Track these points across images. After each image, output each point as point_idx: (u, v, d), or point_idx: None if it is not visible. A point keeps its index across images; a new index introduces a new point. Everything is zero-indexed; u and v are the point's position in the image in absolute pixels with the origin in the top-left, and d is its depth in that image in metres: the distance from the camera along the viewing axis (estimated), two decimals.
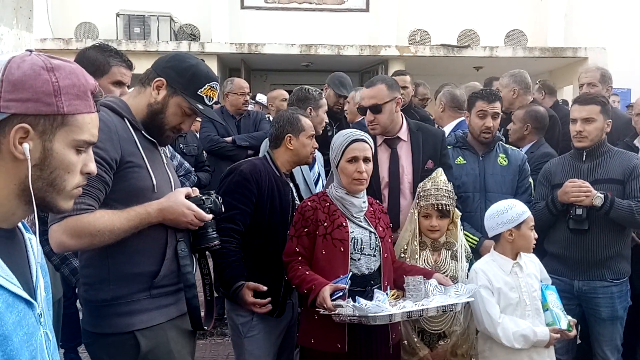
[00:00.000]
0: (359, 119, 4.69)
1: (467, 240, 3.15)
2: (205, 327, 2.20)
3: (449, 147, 3.68)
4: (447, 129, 4.33)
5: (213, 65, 11.25)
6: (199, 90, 2.11)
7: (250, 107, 8.12)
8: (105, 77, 2.63)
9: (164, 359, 2.01)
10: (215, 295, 2.36)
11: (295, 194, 2.99)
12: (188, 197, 2.07)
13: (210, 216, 2.09)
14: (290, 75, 13.08)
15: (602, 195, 3.08)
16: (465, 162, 3.56)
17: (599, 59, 11.85)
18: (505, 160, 3.56)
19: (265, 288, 2.63)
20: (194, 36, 11.96)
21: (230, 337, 2.98)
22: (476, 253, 3.20)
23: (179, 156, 3.29)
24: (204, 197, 2.11)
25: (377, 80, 3.27)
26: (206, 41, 11.70)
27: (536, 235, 2.78)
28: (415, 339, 2.88)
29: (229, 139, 4.96)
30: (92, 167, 1.25)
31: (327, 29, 12.27)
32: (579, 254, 3.20)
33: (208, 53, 11.25)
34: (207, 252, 2.24)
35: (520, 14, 12.78)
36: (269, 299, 2.63)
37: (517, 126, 4.07)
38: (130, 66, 2.71)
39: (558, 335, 2.70)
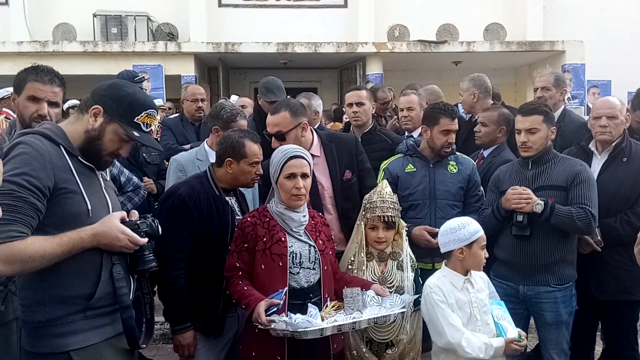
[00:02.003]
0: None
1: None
2: (144, 346, 2.25)
3: (399, 155, 3.73)
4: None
5: (190, 65, 11.27)
6: (136, 118, 2.16)
7: None
8: (22, 93, 2.67)
9: None
10: None
11: (237, 208, 3.02)
12: (123, 221, 2.12)
13: (145, 240, 2.14)
14: (270, 73, 12.88)
15: (542, 202, 3.14)
16: (415, 169, 3.62)
17: (577, 52, 11.96)
18: (455, 168, 3.63)
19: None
20: (171, 35, 11.92)
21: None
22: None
23: (127, 172, 3.30)
24: (139, 222, 2.16)
25: (282, 107, 3.25)
26: (184, 40, 11.68)
27: (487, 255, 2.80)
28: (364, 349, 2.96)
29: (187, 147, 4.92)
30: None
31: (305, 25, 12.26)
32: (523, 260, 3.27)
33: (185, 53, 11.25)
34: (146, 274, 2.29)
35: (499, 8, 12.84)
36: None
37: (491, 128, 4.04)
38: (53, 82, 2.69)
39: (513, 346, 2.72)
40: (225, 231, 2.85)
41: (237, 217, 2.94)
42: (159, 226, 2.23)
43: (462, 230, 2.76)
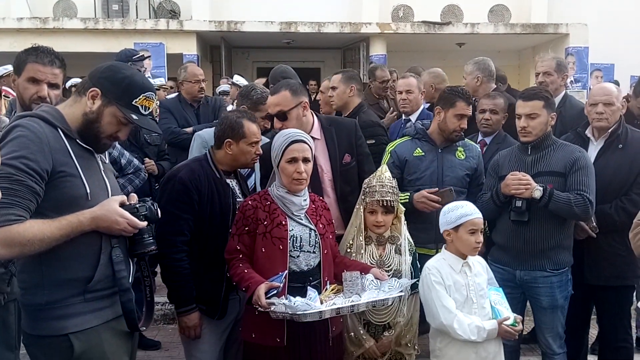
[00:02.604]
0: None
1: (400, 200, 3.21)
2: (144, 328, 2.28)
3: (407, 138, 3.73)
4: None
5: (192, 44, 11.19)
6: (134, 101, 2.16)
7: (226, 88, 8.12)
8: (22, 74, 2.65)
9: None
10: None
11: (238, 190, 3.04)
12: (122, 204, 2.12)
13: (144, 223, 2.15)
14: (273, 53, 12.97)
15: (541, 188, 3.16)
16: (423, 154, 3.61)
17: (581, 35, 11.87)
18: (462, 154, 3.63)
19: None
20: (173, 13, 11.84)
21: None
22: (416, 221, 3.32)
23: (127, 154, 3.30)
24: (138, 205, 2.17)
25: (282, 87, 3.25)
26: (186, 18, 11.60)
27: (479, 239, 2.82)
28: (362, 331, 3.00)
29: (189, 129, 4.92)
30: None
31: (309, 4, 12.13)
32: (520, 245, 3.29)
33: (187, 31, 11.18)
34: (146, 257, 2.31)
35: None
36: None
37: (501, 116, 4.08)
38: (53, 63, 2.66)
39: (509, 329, 2.77)
40: (226, 214, 2.86)
41: (238, 200, 2.96)
42: (158, 210, 2.24)
43: (450, 213, 2.85)
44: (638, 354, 3.38)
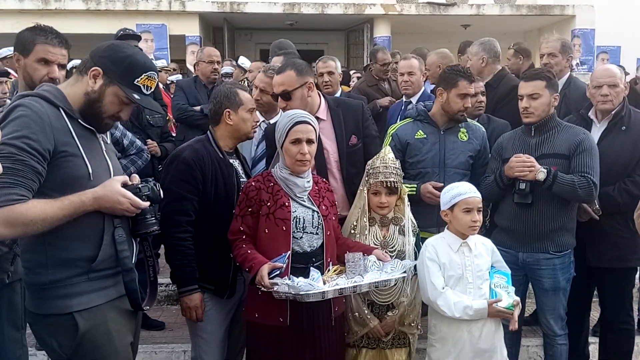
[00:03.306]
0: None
1: (407, 189, 3.21)
2: (147, 308, 2.30)
3: (408, 120, 3.70)
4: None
5: (195, 25, 11.13)
6: (136, 80, 2.15)
7: (229, 70, 8.07)
8: (31, 55, 2.64)
9: (102, 339, 2.11)
10: None
11: (241, 171, 3.03)
12: (124, 184, 2.12)
13: (147, 204, 2.15)
14: (276, 34, 12.73)
15: (545, 170, 3.14)
16: (425, 136, 3.56)
17: (587, 17, 11.76)
18: (465, 136, 3.59)
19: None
20: None
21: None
22: (417, 204, 3.31)
23: (130, 134, 3.29)
24: (140, 185, 2.16)
25: (287, 66, 3.22)
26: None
27: (475, 218, 2.83)
28: (366, 311, 3.02)
29: (197, 107, 4.98)
30: None
31: None
32: (523, 227, 3.29)
33: (189, 12, 11.12)
34: (149, 237, 2.31)
35: None
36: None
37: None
38: (61, 44, 2.67)
39: (500, 308, 2.79)
40: (231, 193, 2.86)
41: (241, 180, 2.95)
42: (161, 190, 2.24)
43: (446, 194, 2.91)
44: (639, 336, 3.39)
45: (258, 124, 3.02)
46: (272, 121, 3.65)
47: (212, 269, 2.83)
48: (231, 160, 2.97)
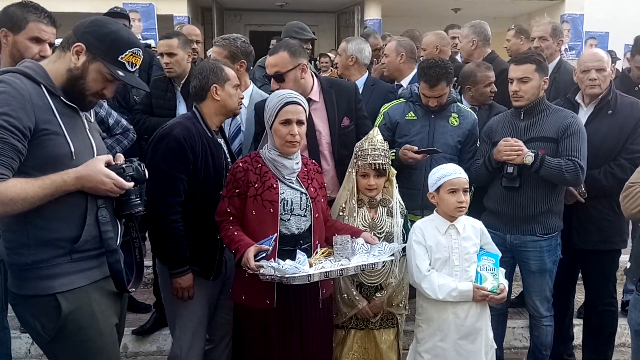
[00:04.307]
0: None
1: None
2: (133, 289, 2.27)
3: (401, 100, 3.69)
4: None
5: (183, 5, 10.97)
6: (120, 57, 2.09)
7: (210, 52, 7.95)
8: (22, 32, 2.60)
9: (86, 320, 2.08)
10: None
11: (226, 149, 2.97)
12: (108, 164, 2.08)
13: (131, 184, 2.11)
14: (266, 16, 12.77)
15: (533, 154, 3.15)
16: (415, 117, 3.57)
17: (576, 2, 11.75)
18: (456, 121, 3.59)
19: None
20: None
21: (163, 296, 3.03)
22: (403, 187, 3.30)
23: (115, 114, 3.22)
24: (124, 165, 2.12)
25: (280, 47, 3.18)
26: None
27: (461, 198, 2.84)
28: (354, 292, 3.03)
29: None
30: None
31: None
32: (511, 210, 3.30)
33: None
34: (135, 218, 2.27)
35: None
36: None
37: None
38: (52, 23, 2.66)
39: (484, 292, 2.81)
40: (220, 173, 2.80)
41: (228, 160, 2.92)
42: (146, 170, 2.20)
43: (432, 176, 2.94)
44: (623, 318, 3.42)
45: (242, 100, 2.99)
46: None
47: (198, 250, 2.79)
48: (219, 140, 2.91)
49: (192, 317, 2.86)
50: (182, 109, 3.94)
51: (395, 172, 3.14)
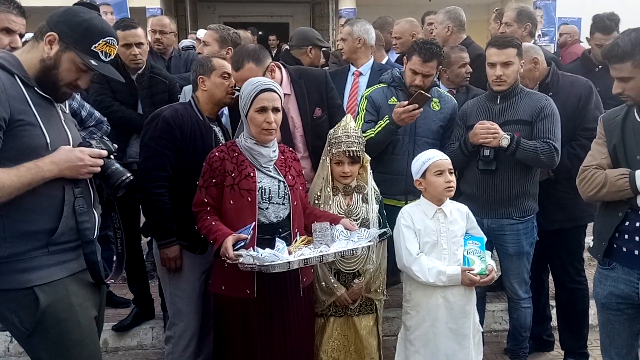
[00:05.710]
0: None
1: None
2: (112, 281, 2.26)
3: (382, 84, 3.68)
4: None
5: None
6: (93, 46, 2.07)
7: (189, 43, 7.87)
8: None
9: (64, 313, 2.07)
10: None
11: (221, 137, 3.08)
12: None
13: (105, 152, 2.14)
14: (240, 7, 12.66)
15: (509, 137, 3.17)
16: (398, 102, 3.54)
17: None
18: (437, 106, 3.60)
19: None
20: None
21: (157, 272, 3.17)
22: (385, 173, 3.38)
23: (88, 106, 3.18)
24: (90, 141, 2.16)
25: (243, 59, 3.01)
26: None
27: (449, 179, 2.87)
28: (332, 280, 3.04)
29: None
30: None
31: None
32: (488, 194, 3.33)
33: None
34: (116, 207, 2.28)
35: None
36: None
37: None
38: (22, 13, 2.66)
39: (472, 276, 2.85)
40: (209, 152, 2.83)
41: (221, 144, 2.95)
42: (110, 142, 2.23)
43: (416, 162, 2.96)
44: None
45: (233, 89, 3.06)
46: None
47: (185, 226, 2.88)
48: (211, 125, 3.03)
49: (183, 293, 2.99)
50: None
51: (369, 158, 3.16)
